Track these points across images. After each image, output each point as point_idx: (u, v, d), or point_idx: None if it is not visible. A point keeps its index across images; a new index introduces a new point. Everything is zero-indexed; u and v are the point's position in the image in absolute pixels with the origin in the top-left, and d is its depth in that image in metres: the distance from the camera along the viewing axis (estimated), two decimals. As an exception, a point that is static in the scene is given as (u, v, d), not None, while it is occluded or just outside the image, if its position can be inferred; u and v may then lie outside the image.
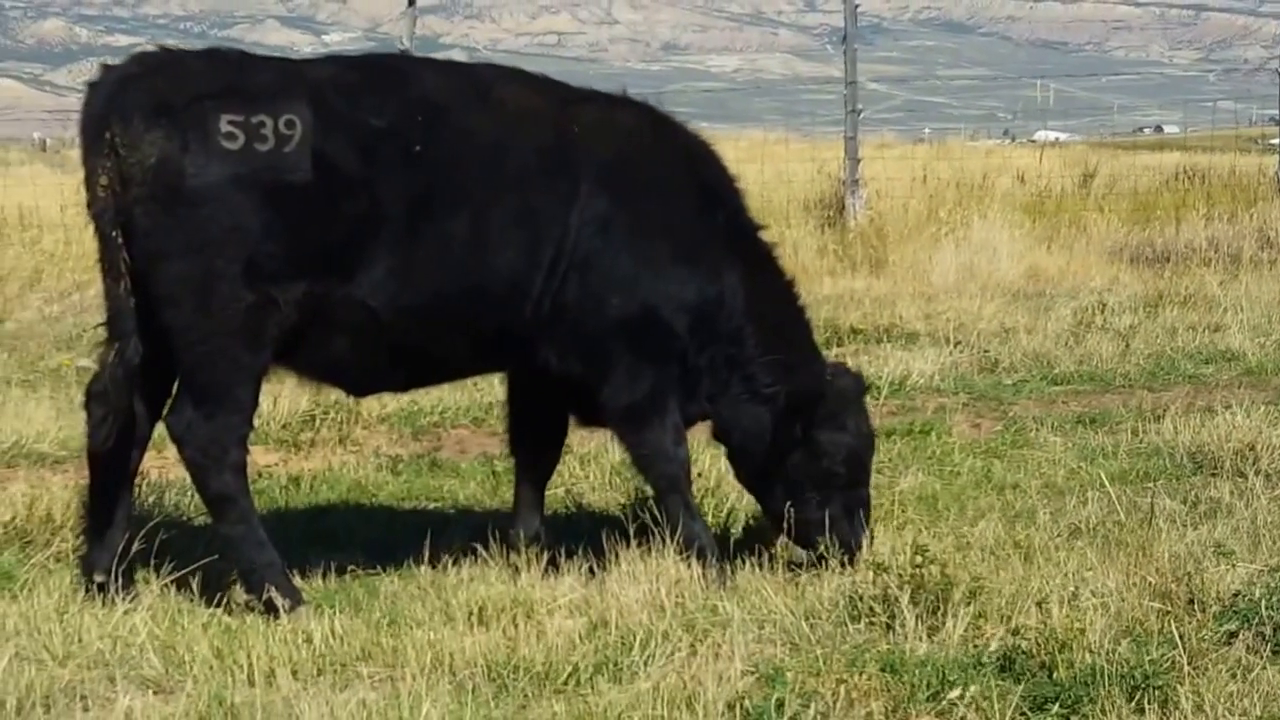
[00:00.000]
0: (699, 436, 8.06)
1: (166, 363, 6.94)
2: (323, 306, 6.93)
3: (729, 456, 7.82)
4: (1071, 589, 6.76)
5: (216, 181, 6.71)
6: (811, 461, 7.44)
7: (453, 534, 7.93)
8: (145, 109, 6.74)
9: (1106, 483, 8.71)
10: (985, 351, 13.03)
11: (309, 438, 10.19)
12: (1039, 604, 6.33)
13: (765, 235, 7.82)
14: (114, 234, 6.78)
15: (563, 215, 7.17)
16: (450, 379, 8.37)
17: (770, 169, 25.49)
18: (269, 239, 6.78)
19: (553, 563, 7.40)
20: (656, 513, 7.34)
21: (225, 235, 6.73)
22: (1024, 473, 9.37)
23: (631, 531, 7.27)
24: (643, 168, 7.48)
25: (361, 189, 6.91)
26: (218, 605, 7.05)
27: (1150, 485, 9.01)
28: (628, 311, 7.25)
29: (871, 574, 6.63)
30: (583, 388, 7.42)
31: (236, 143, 6.74)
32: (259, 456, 9.35)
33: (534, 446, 7.91)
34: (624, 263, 7.25)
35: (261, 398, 7.16)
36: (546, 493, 8.01)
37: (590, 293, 7.21)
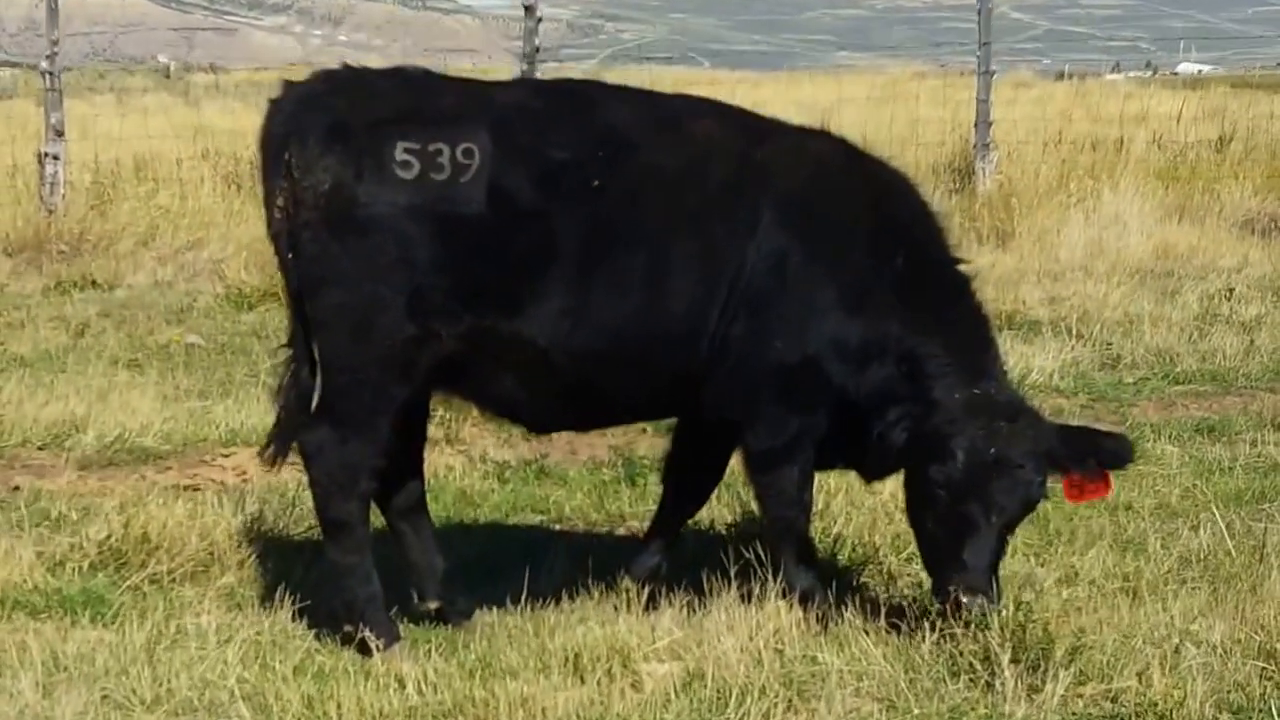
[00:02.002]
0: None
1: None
2: (489, 342, 6.81)
3: None
4: (1175, 642, 6.64)
5: (388, 211, 6.63)
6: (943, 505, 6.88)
7: (554, 560, 7.90)
8: (322, 132, 6.67)
9: (1221, 506, 8.62)
10: (1108, 345, 12.88)
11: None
12: (1139, 674, 6.20)
13: (962, 268, 7.35)
14: (290, 255, 6.79)
15: (740, 250, 6.91)
16: (629, 420, 8.26)
17: (903, 115, 25.35)
18: (436, 271, 6.68)
19: (654, 598, 7.32)
20: (761, 552, 7.22)
21: (392, 265, 6.65)
22: (1138, 491, 9.21)
23: (733, 573, 7.18)
24: (824, 204, 7.13)
25: (536, 223, 6.74)
26: (315, 636, 7.06)
27: (1266, 506, 8.91)
28: (788, 357, 6.96)
29: (973, 630, 6.53)
30: (728, 426, 7.23)
31: (411, 171, 6.63)
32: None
33: (685, 486, 7.75)
34: (792, 305, 6.96)
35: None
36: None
37: (755, 333, 6.94)
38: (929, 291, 7.13)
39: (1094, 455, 6.92)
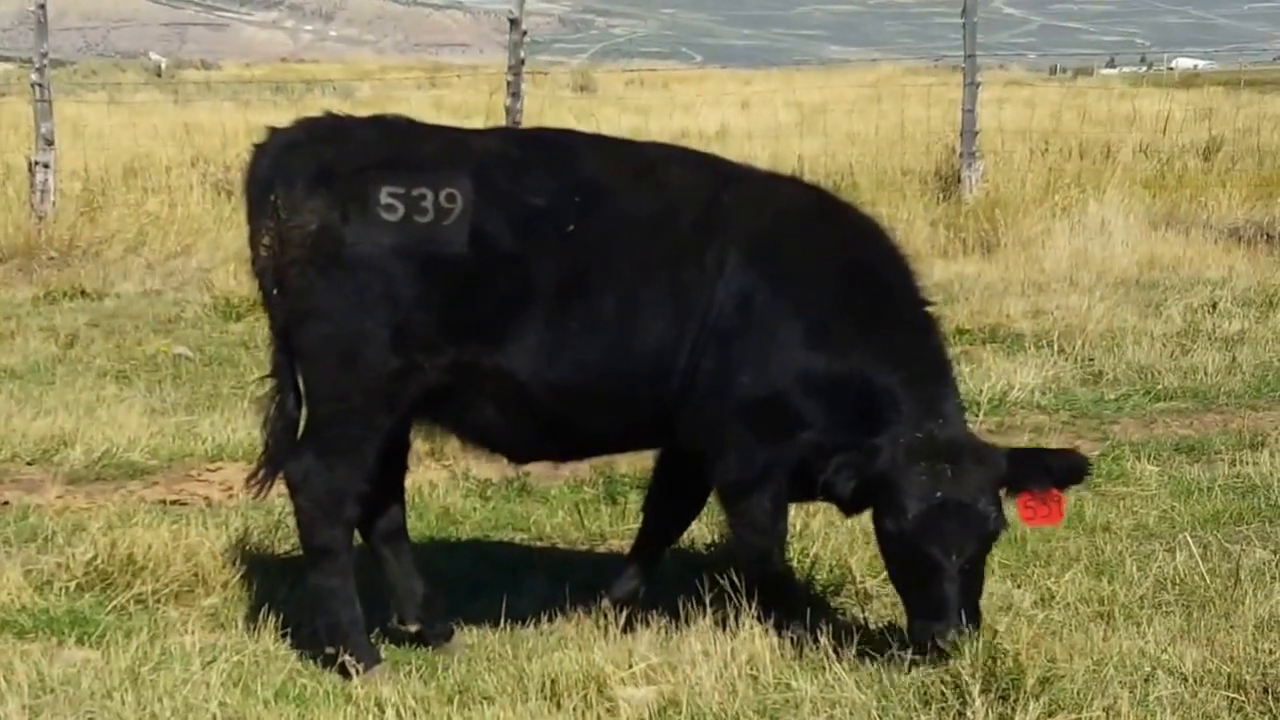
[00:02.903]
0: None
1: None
2: (471, 375, 7.01)
3: None
4: (1147, 671, 6.73)
5: (373, 251, 6.83)
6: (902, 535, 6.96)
7: (533, 580, 8.00)
8: (308, 176, 6.90)
9: (1198, 528, 8.71)
10: (1090, 360, 12.95)
11: (402, 452, 10.24)
12: (1106, 708, 6.28)
13: (929, 310, 7.41)
14: (275, 291, 6.98)
15: (709, 289, 7.09)
16: (606, 452, 8.37)
17: (892, 117, 25.46)
18: (420, 308, 6.89)
19: (630, 623, 7.40)
20: (735, 578, 7.28)
21: (377, 301, 6.86)
22: (1117, 512, 9.28)
23: (708, 599, 7.26)
24: (791, 247, 7.31)
25: (514, 264, 6.96)
26: (297, 659, 7.14)
27: (1243, 528, 8.97)
28: (754, 392, 7.10)
29: (944, 660, 6.62)
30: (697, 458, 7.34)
31: (396, 214, 6.85)
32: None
33: (666, 513, 7.87)
34: (757, 341, 7.11)
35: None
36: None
37: (721, 368, 7.10)
38: (892, 330, 7.24)
39: (1046, 474, 7.05)
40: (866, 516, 8.06)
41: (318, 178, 6.89)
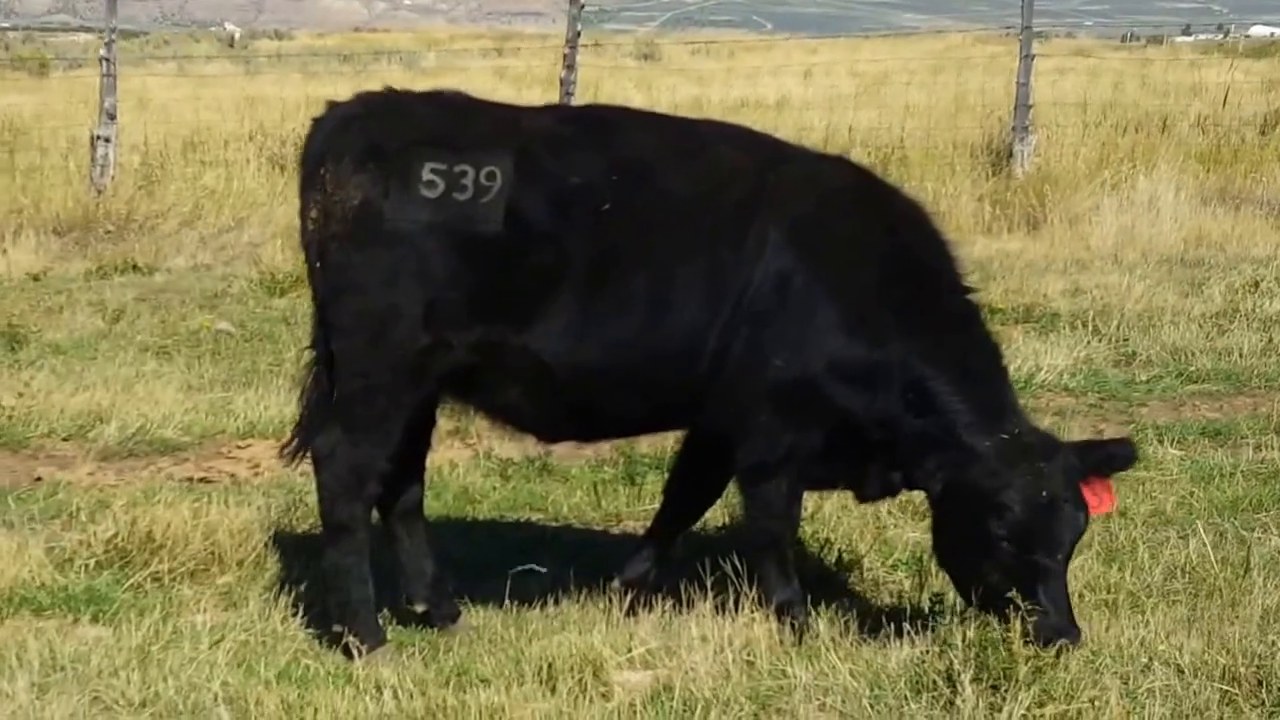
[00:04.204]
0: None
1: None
2: (498, 354, 7.09)
3: None
4: (1144, 662, 6.76)
5: (410, 228, 6.94)
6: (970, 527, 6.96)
7: (544, 562, 8.07)
8: (356, 152, 7.02)
9: (1215, 515, 8.70)
10: (1124, 341, 12.86)
11: (428, 431, 10.33)
12: (1092, 700, 6.30)
13: (971, 298, 7.38)
14: (318, 265, 7.12)
15: (747, 270, 7.10)
16: (633, 433, 8.47)
17: (952, 88, 25.34)
18: (452, 285, 6.98)
19: (634, 606, 7.48)
20: (738, 562, 7.34)
21: (410, 278, 6.96)
22: (1135, 497, 9.22)
23: (709, 583, 7.33)
24: (833, 230, 7.29)
25: (548, 244, 7.03)
26: (304, 639, 7.28)
27: (1261, 515, 8.94)
28: (786, 375, 7.09)
29: (937, 648, 6.66)
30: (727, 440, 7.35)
31: (435, 190, 6.95)
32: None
33: (685, 498, 7.89)
34: (792, 324, 7.10)
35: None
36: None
37: (754, 351, 7.09)
38: (935, 319, 7.22)
39: (1108, 464, 7.08)
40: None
41: (365, 153, 7.00)
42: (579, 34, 21.71)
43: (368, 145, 7.03)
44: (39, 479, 9.71)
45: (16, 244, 17.31)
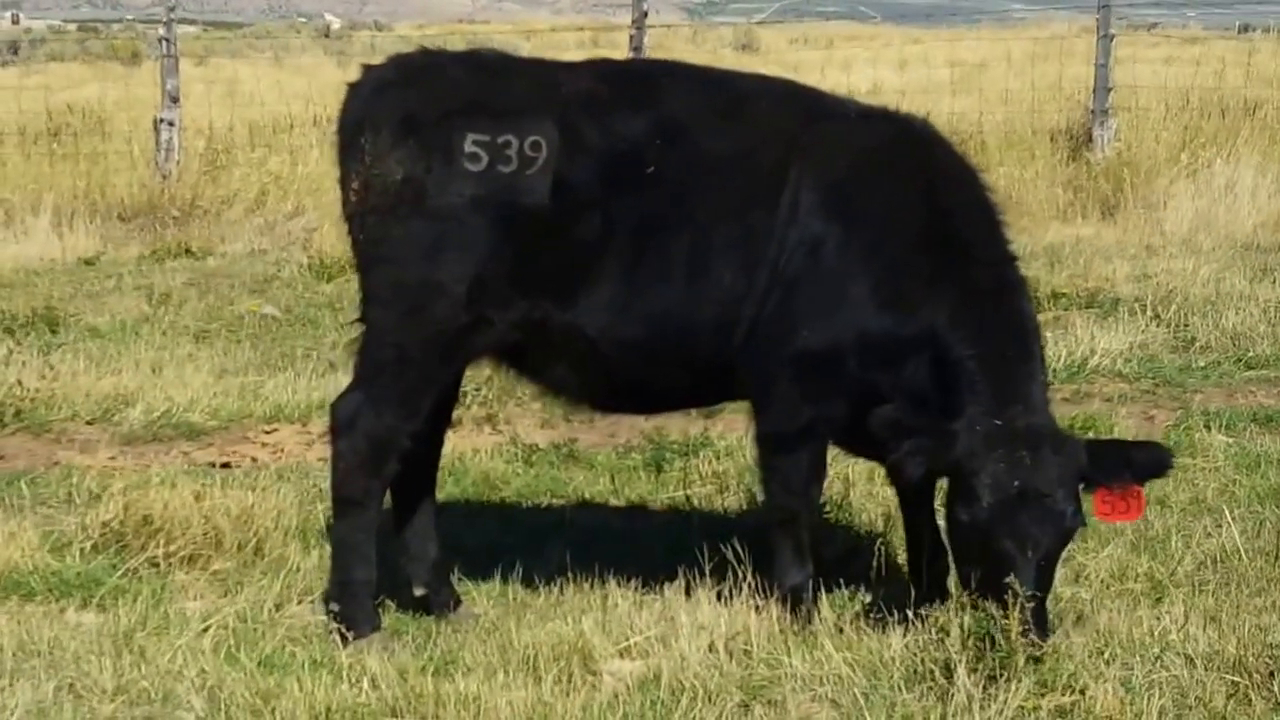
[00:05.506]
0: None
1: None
2: (540, 329, 6.92)
3: None
4: (1156, 651, 6.50)
5: (455, 202, 6.77)
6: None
7: (555, 550, 7.87)
8: (394, 123, 6.82)
9: (1256, 503, 8.41)
10: (1184, 326, 12.48)
11: (456, 416, 10.12)
12: (1082, 690, 6.05)
13: (1013, 269, 6.99)
14: (360, 236, 6.97)
15: (781, 234, 6.84)
16: (680, 407, 8.14)
17: (1050, 76, 24.91)
18: (495, 260, 6.80)
19: (637, 594, 7.26)
20: (738, 549, 7.11)
21: (454, 252, 6.79)
22: (1175, 485, 8.79)
23: (708, 570, 7.12)
24: (868, 192, 7.00)
25: (594, 213, 6.84)
26: (297, 622, 7.12)
27: (1304, 505, 8.62)
28: (811, 345, 6.82)
29: (934, 637, 6.41)
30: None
31: (480, 164, 6.78)
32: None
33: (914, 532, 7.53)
34: (821, 292, 6.83)
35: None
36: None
37: (782, 318, 6.84)
38: (971, 292, 6.85)
39: (1127, 468, 6.64)
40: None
41: (404, 125, 6.80)
42: (645, 14, 21.71)
43: (406, 116, 6.82)
44: (57, 463, 9.60)
45: (74, 228, 17.29)
